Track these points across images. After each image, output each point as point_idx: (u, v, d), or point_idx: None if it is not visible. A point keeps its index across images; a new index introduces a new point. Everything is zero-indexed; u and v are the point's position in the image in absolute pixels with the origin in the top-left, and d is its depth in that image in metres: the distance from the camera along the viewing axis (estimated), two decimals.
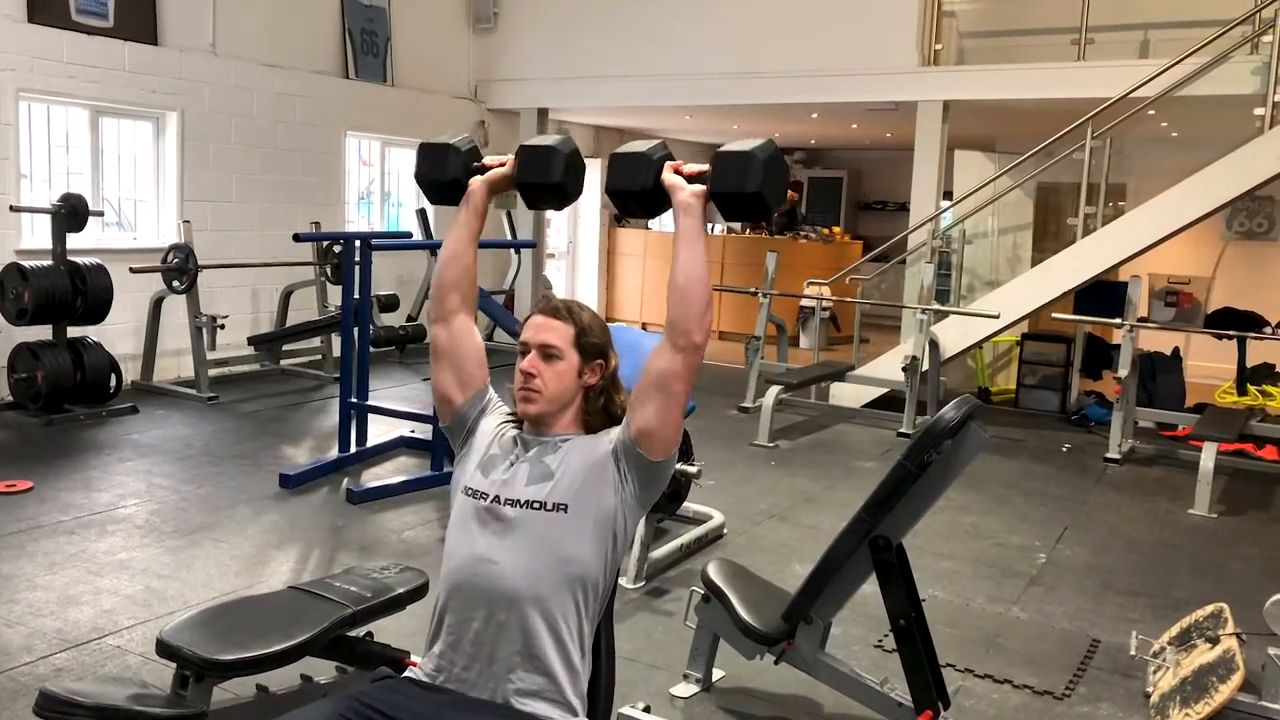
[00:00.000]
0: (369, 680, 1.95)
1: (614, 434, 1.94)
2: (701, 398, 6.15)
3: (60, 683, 2.55)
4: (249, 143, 7.98)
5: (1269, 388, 7.77)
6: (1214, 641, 3.20)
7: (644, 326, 11.50)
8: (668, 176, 1.93)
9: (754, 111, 10.18)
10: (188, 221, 7.16)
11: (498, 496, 1.91)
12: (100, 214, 7.00)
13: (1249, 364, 7.60)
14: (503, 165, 2.09)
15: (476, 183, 2.10)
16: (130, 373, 7.05)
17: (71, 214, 6.27)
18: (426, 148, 2.17)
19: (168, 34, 7.37)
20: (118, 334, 6.97)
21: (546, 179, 2.01)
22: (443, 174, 2.13)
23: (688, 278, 1.86)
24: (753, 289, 8.02)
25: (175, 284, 6.93)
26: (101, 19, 6.94)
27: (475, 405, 2.06)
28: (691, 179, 1.93)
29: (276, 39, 8.14)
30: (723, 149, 1.90)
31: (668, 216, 1.97)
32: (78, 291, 6.20)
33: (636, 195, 1.96)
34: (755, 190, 1.85)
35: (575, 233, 12.48)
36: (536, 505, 1.87)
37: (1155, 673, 3.28)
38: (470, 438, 2.03)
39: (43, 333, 6.24)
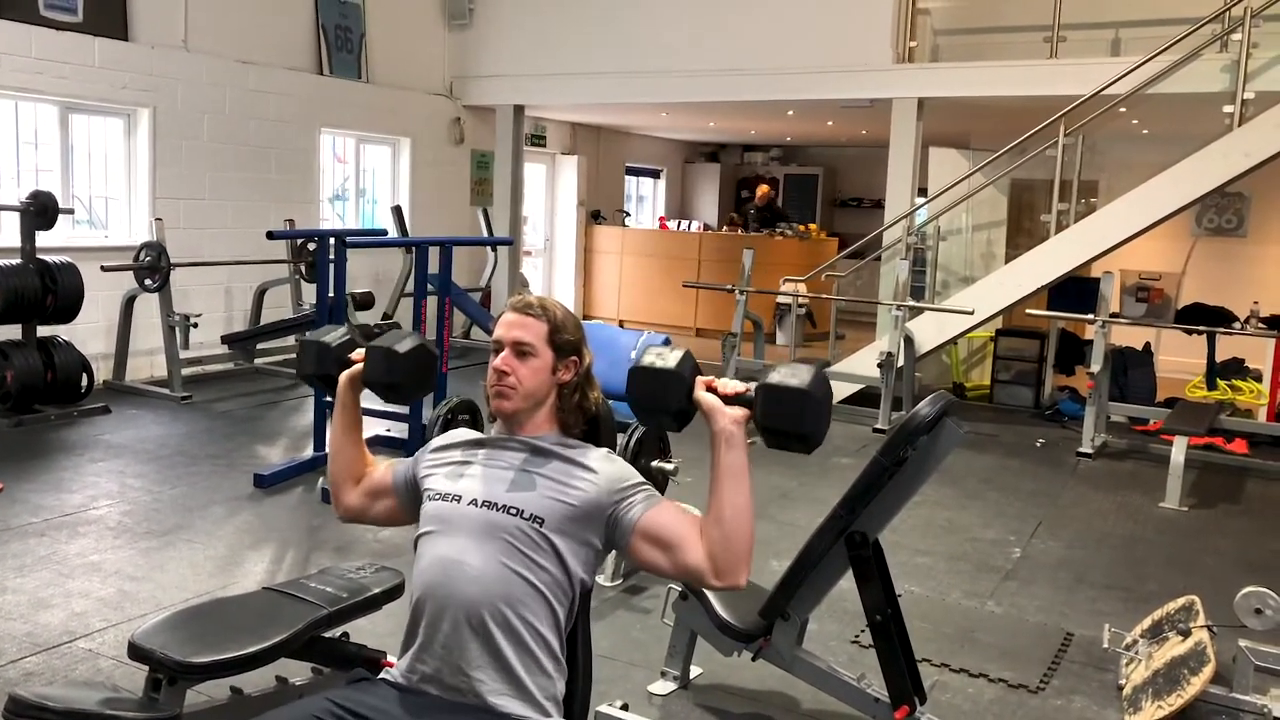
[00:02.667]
0: (345, 682, 1.94)
1: (621, 504, 1.86)
2: None
3: (30, 687, 2.52)
4: (222, 140, 7.91)
5: (1238, 382, 7.86)
6: (1185, 634, 3.24)
7: (620, 324, 11.52)
8: (703, 397, 1.84)
9: (731, 109, 10.20)
10: (160, 219, 7.09)
11: (474, 499, 1.89)
12: (70, 212, 6.91)
13: (1219, 359, 7.69)
14: (361, 360, 2.17)
15: (341, 379, 2.18)
16: (102, 372, 6.98)
17: (41, 212, 6.19)
18: (302, 344, 2.30)
19: (138, 29, 7.30)
20: (89, 333, 6.90)
21: (385, 379, 2.11)
22: (312, 369, 2.25)
23: (735, 515, 1.78)
24: (729, 286, 8.03)
25: (147, 282, 6.86)
26: (70, 14, 6.86)
27: (412, 485, 2.07)
28: (728, 400, 1.83)
29: (249, 35, 8.07)
30: (772, 381, 1.79)
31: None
32: (48, 290, 6.12)
33: (666, 414, 1.88)
34: (809, 432, 1.79)
35: (552, 230, 12.46)
36: (514, 511, 1.86)
37: (1128, 665, 3.32)
38: (425, 482, 2.01)
39: (12, 332, 6.16)
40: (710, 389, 1.85)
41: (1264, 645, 3.08)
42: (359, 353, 2.18)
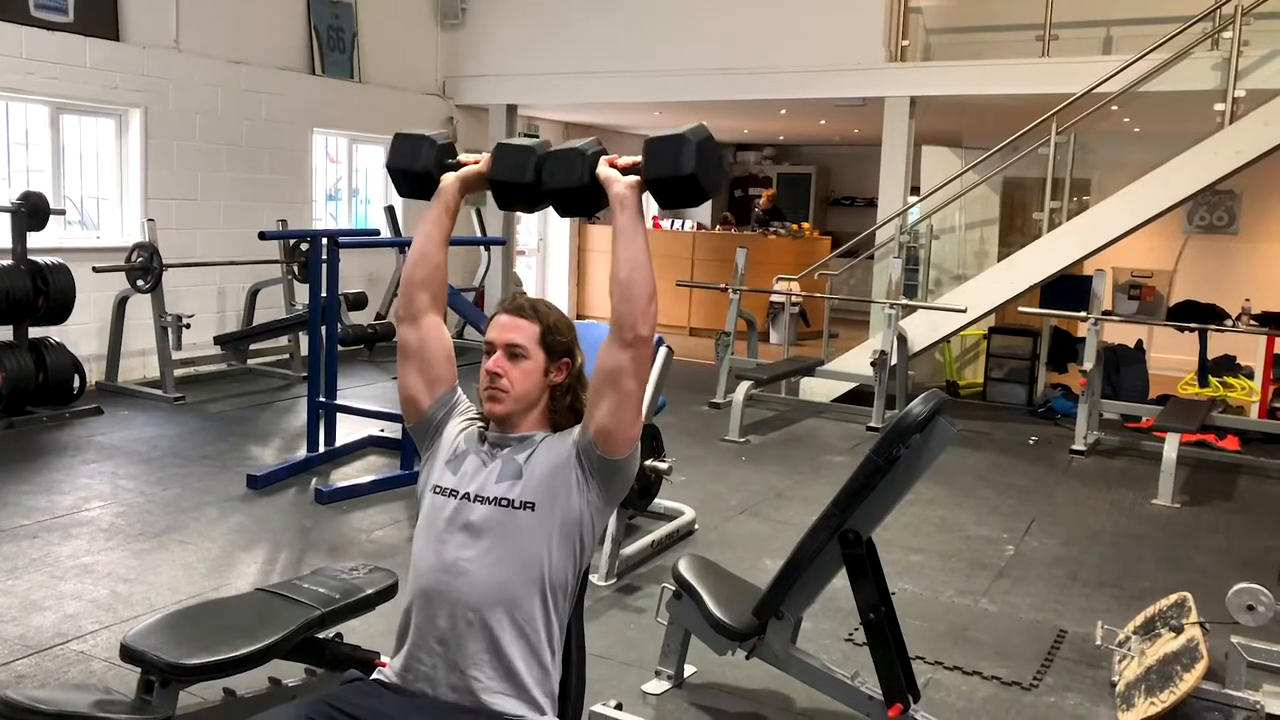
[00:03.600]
0: (338, 683, 1.94)
1: (575, 434, 1.92)
2: (672, 394, 6.17)
3: (22, 690, 2.52)
4: (214, 140, 7.90)
5: (1230, 379, 7.89)
6: (1178, 630, 3.24)
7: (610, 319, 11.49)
8: (603, 170, 1.90)
9: (723, 108, 10.19)
10: (152, 220, 7.07)
11: (467, 494, 1.90)
12: (62, 213, 6.88)
13: (1210, 356, 7.72)
14: (477, 163, 2.06)
15: (449, 179, 2.07)
16: (94, 374, 6.96)
17: (32, 213, 6.17)
18: (400, 137, 2.12)
19: (130, 30, 7.27)
20: (81, 334, 6.88)
21: (520, 178, 1.97)
22: (414, 165, 2.09)
23: (631, 269, 1.83)
24: (723, 285, 8.04)
25: (140, 283, 6.84)
26: (61, 14, 6.84)
27: (443, 406, 2.05)
28: (626, 171, 1.90)
29: (241, 35, 8.05)
30: (653, 135, 1.88)
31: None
32: (39, 291, 6.10)
33: (573, 192, 1.93)
34: (689, 173, 1.82)
35: (545, 230, 12.45)
36: (505, 503, 1.87)
37: (1121, 662, 3.32)
38: (437, 438, 2.02)
39: (4, 333, 6.14)
40: (611, 165, 1.91)
41: (1256, 641, 3.09)
42: (472, 155, 2.09)
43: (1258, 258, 9.75)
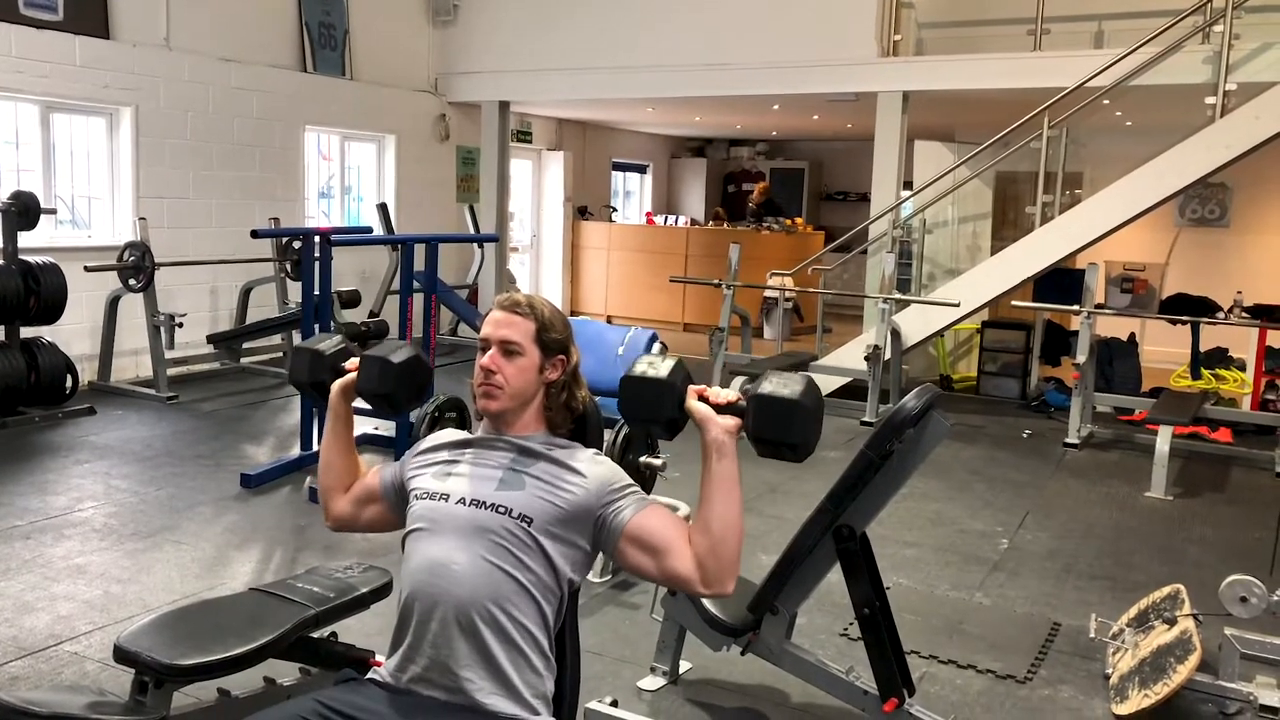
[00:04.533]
0: (333, 682, 1.93)
1: (610, 508, 1.86)
2: None
3: (15, 692, 2.51)
4: (205, 138, 7.87)
5: (1222, 371, 7.91)
6: (1171, 623, 3.26)
7: (608, 320, 11.51)
8: (695, 406, 1.85)
9: (716, 103, 10.20)
10: (143, 219, 7.04)
11: (462, 498, 1.88)
12: (53, 212, 6.85)
13: (1203, 348, 7.73)
14: (354, 369, 2.14)
15: (334, 390, 2.15)
16: (87, 373, 6.94)
17: (23, 212, 6.15)
18: (297, 351, 2.26)
19: (120, 28, 7.25)
20: (73, 334, 6.86)
21: (381, 389, 2.09)
22: (307, 378, 2.22)
23: (725, 526, 1.78)
24: (716, 281, 8.04)
25: (132, 282, 6.81)
26: (51, 12, 6.81)
27: (399, 488, 2.05)
28: (720, 409, 1.84)
29: (232, 32, 8.02)
30: (763, 392, 1.81)
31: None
32: (30, 291, 6.08)
33: (657, 423, 1.88)
34: (799, 442, 1.80)
35: (539, 226, 12.44)
36: (502, 510, 1.85)
37: (1114, 654, 3.33)
38: (412, 482, 2.00)
39: None
40: (702, 398, 1.86)
41: (1249, 633, 3.11)
42: (353, 362, 2.17)
43: (1249, 250, 9.78)
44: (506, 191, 10.46)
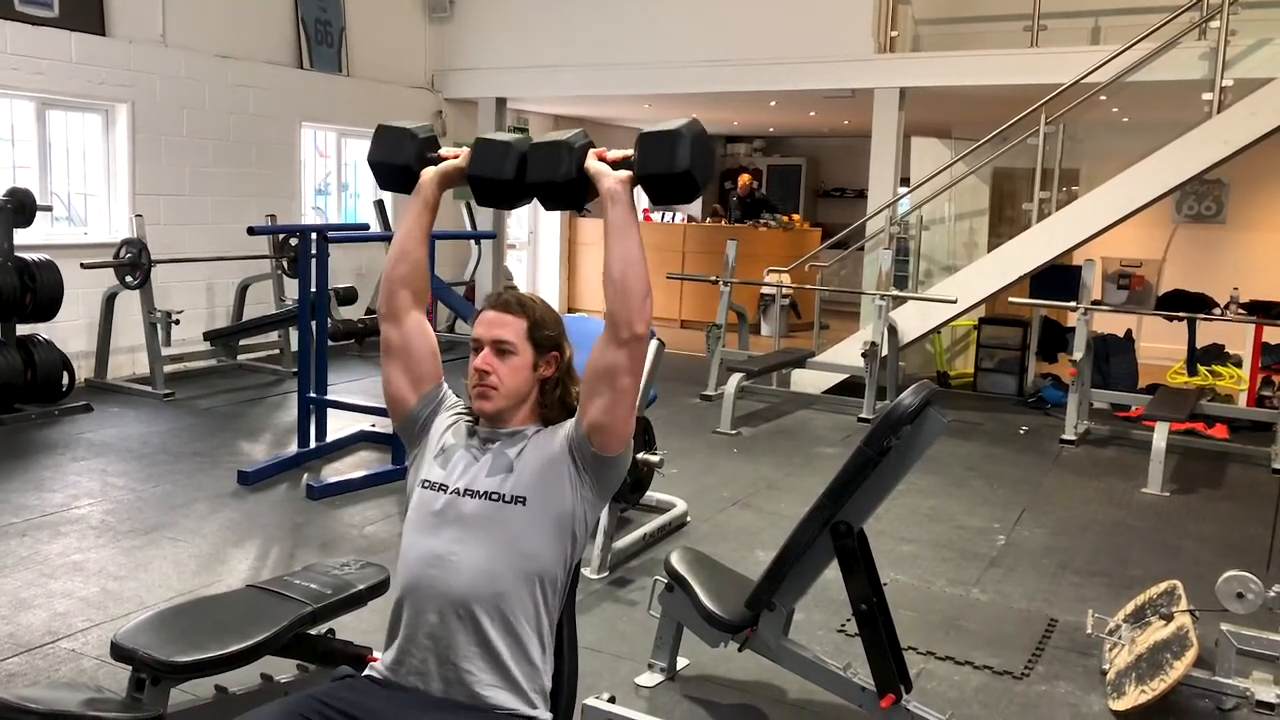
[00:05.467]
0: (330, 679, 1.93)
1: (567, 429, 1.91)
2: (663, 386, 6.16)
3: (12, 689, 2.51)
4: (202, 135, 7.86)
5: (1218, 368, 7.91)
6: (1168, 618, 3.26)
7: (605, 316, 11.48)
8: (592, 164, 1.87)
9: (713, 100, 10.18)
10: (140, 215, 7.04)
11: (457, 489, 1.89)
12: (49, 209, 6.85)
13: (1199, 345, 7.74)
14: (457, 157, 2.03)
15: (428, 174, 2.03)
16: (83, 370, 6.92)
17: (19, 209, 6.14)
18: (382, 130, 2.09)
19: (116, 24, 7.23)
20: (69, 331, 6.84)
21: (498, 175, 1.94)
22: (395, 159, 2.06)
23: (624, 266, 1.81)
24: (713, 277, 8.03)
25: (128, 279, 6.80)
26: (46, 9, 6.79)
27: (429, 404, 2.03)
28: (616, 165, 1.88)
29: (228, 29, 8.01)
30: (646, 130, 1.84)
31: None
32: (27, 288, 6.06)
33: (560, 186, 1.89)
34: (684, 169, 1.80)
35: (536, 223, 12.43)
36: (495, 497, 1.86)
37: (1111, 650, 3.34)
38: (425, 434, 2.01)
39: None
40: (600, 159, 1.89)
41: (1246, 629, 3.11)
42: (452, 150, 2.06)
43: (1246, 247, 9.79)
44: None
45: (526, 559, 1.84)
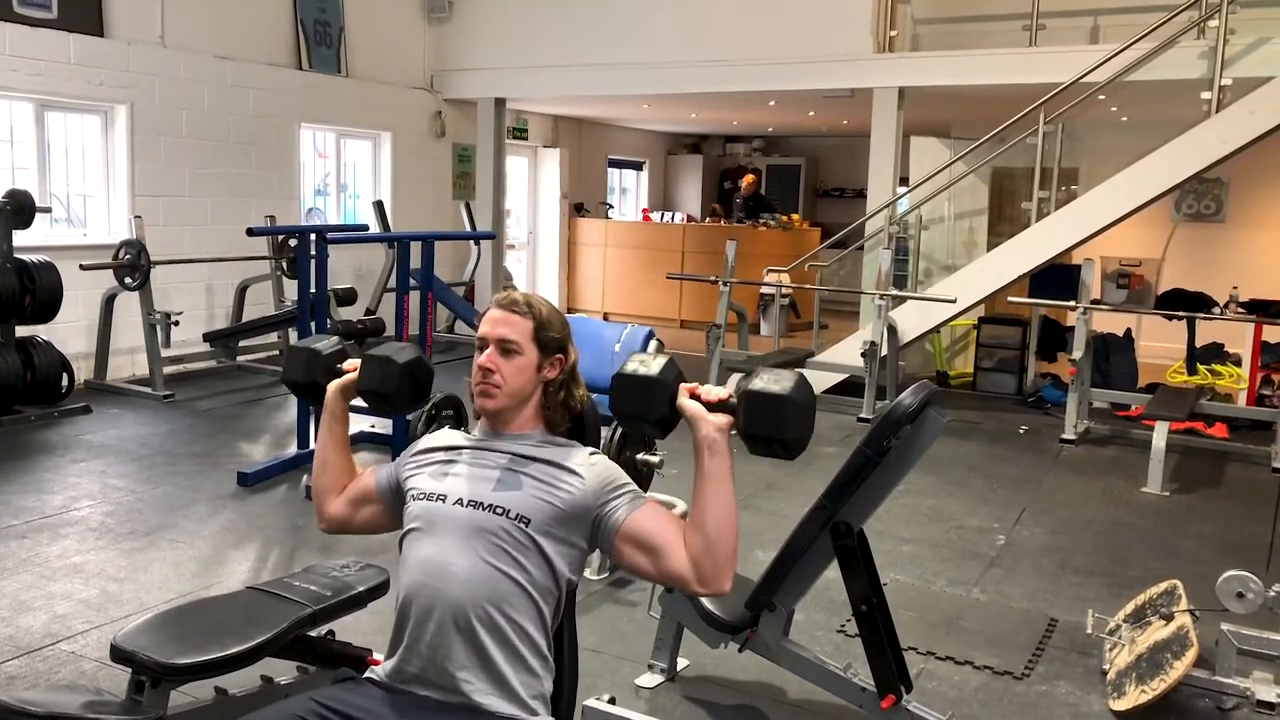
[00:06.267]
0: (330, 681, 1.93)
1: (606, 507, 1.86)
2: None
3: (11, 691, 2.51)
4: (201, 136, 7.86)
5: (1218, 367, 7.91)
6: (1168, 618, 3.26)
7: (605, 317, 11.50)
8: (686, 404, 1.83)
9: (712, 100, 10.20)
10: (139, 217, 7.04)
11: (459, 499, 1.88)
12: (48, 210, 6.85)
13: (1198, 344, 7.74)
14: (354, 370, 2.12)
15: (332, 389, 2.13)
16: (83, 372, 6.93)
17: (17, 210, 6.14)
18: (291, 351, 2.24)
19: (114, 25, 7.23)
20: (69, 332, 6.84)
21: (385, 388, 2.06)
22: (302, 377, 2.19)
23: (719, 524, 1.77)
24: (713, 277, 8.03)
25: (127, 281, 6.80)
26: (45, 10, 6.79)
27: (395, 488, 2.04)
28: (712, 407, 1.82)
29: (227, 30, 8.01)
30: (754, 388, 1.78)
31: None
32: (26, 290, 6.06)
33: (649, 422, 1.86)
34: (795, 437, 1.77)
35: (535, 223, 12.43)
36: (500, 511, 1.85)
37: (1112, 650, 3.34)
38: (409, 482, 1.99)
39: None
40: (694, 396, 1.85)
41: (1246, 628, 3.11)
42: (350, 362, 2.15)
43: (1245, 245, 9.79)
44: (503, 188, 10.45)
45: (525, 572, 1.83)
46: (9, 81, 6.67)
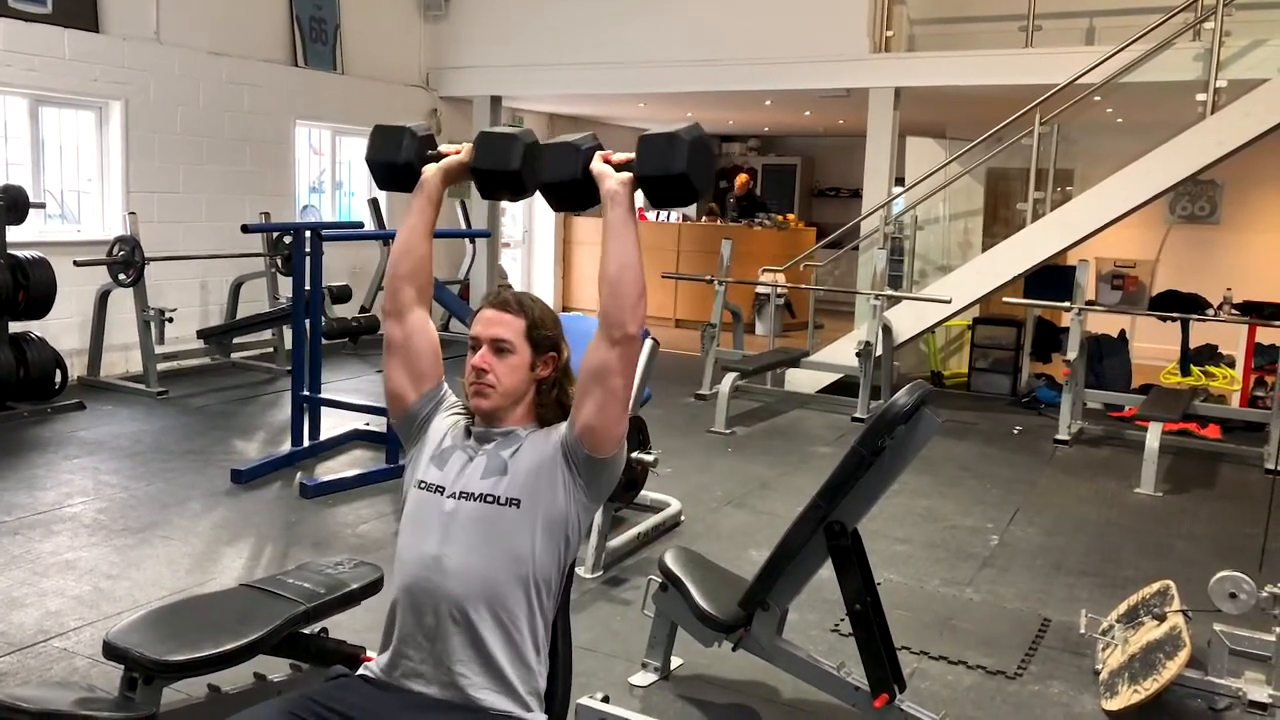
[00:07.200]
0: (324, 679, 1.93)
1: (560, 431, 1.91)
2: (658, 385, 6.17)
3: (4, 688, 2.50)
4: (196, 132, 7.84)
5: (1212, 368, 7.94)
6: (1161, 619, 3.27)
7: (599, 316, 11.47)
8: (596, 165, 1.89)
9: (708, 99, 10.18)
10: (133, 213, 7.02)
11: (453, 491, 1.89)
12: (42, 206, 6.83)
13: (1192, 345, 7.76)
14: (458, 153, 2.04)
15: (431, 170, 2.04)
16: (76, 368, 6.91)
17: (11, 206, 6.12)
18: (380, 129, 2.10)
19: (109, 21, 7.20)
20: (62, 329, 6.82)
21: (505, 166, 1.95)
22: (395, 157, 2.06)
23: (620, 267, 1.82)
24: (708, 277, 8.04)
25: (121, 277, 6.78)
26: (40, 5, 6.76)
27: (429, 402, 2.04)
28: (620, 167, 1.89)
29: (223, 26, 7.99)
30: (646, 132, 1.86)
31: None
32: (19, 286, 6.05)
33: (566, 186, 1.91)
34: (681, 171, 1.81)
35: (530, 222, 12.42)
36: (490, 499, 1.86)
37: (1104, 650, 3.34)
38: (423, 433, 2.01)
39: None
40: (605, 160, 1.90)
41: (1238, 629, 3.12)
42: (447, 146, 2.07)
43: (1239, 247, 9.81)
44: None
45: (520, 561, 1.83)
46: (3, 77, 6.65)
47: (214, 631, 2.37)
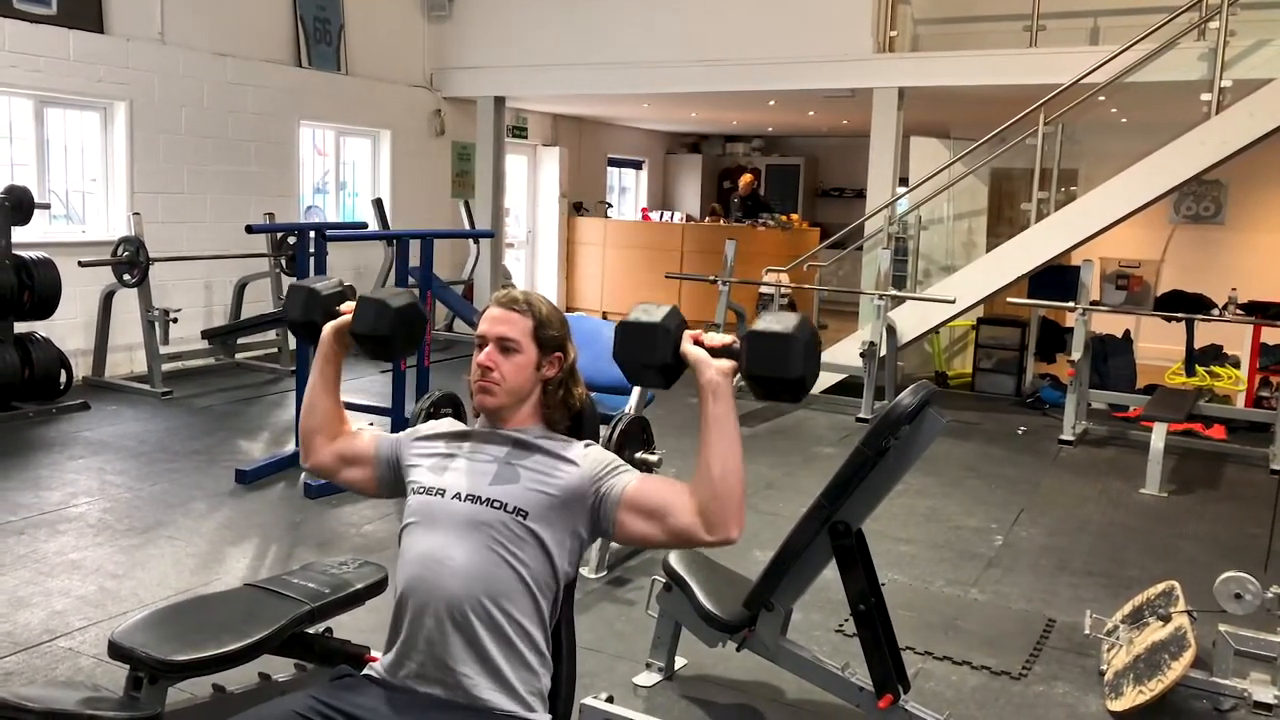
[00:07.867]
0: (328, 678, 1.93)
1: (603, 485, 1.86)
2: None
3: (9, 687, 2.50)
4: (200, 133, 7.85)
5: (1217, 368, 7.92)
6: (1166, 619, 3.26)
7: (604, 316, 11.49)
8: (690, 350, 1.82)
9: (712, 99, 10.19)
10: (138, 213, 7.02)
11: (458, 493, 1.88)
12: (47, 206, 6.85)
13: (1197, 345, 7.74)
14: (349, 313, 2.11)
15: (326, 330, 2.11)
16: (81, 368, 6.92)
17: (16, 207, 6.13)
18: (293, 288, 2.23)
19: (114, 22, 7.22)
20: (67, 329, 6.84)
21: (378, 331, 2.05)
22: (298, 315, 2.18)
23: (725, 471, 1.77)
24: (712, 277, 8.04)
25: (126, 277, 6.79)
26: (45, 6, 6.78)
27: (388, 468, 2.05)
28: (715, 352, 1.82)
29: (227, 27, 8.00)
30: (756, 328, 1.78)
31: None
32: (24, 286, 6.06)
33: (653, 369, 1.85)
34: (799, 376, 1.76)
35: (534, 222, 12.43)
36: (497, 504, 1.85)
37: (1109, 651, 3.34)
38: (408, 475, 2.00)
39: None
40: (697, 343, 1.84)
41: (1244, 630, 3.11)
42: (348, 305, 2.12)
43: (1244, 247, 9.79)
44: (502, 187, 10.45)
45: (524, 566, 1.83)
46: (8, 78, 6.67)
47: (219, 631, 2.38)
